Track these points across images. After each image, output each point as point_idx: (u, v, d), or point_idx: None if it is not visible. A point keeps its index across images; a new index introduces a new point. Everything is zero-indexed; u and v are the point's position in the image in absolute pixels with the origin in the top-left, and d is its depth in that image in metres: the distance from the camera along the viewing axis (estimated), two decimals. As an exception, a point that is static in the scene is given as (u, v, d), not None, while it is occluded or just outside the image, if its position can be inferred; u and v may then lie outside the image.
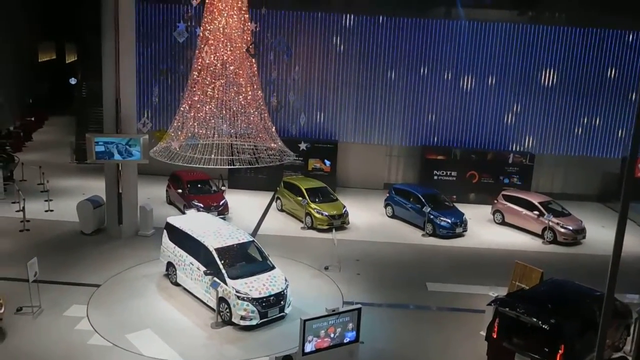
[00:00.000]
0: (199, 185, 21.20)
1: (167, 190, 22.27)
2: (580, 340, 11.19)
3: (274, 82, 17.63)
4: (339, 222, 20.16)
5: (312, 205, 20.22)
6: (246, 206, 22.40)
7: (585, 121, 26.17)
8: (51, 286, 14.28)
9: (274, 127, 14.68)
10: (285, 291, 13.44)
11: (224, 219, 19.98)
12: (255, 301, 12.83)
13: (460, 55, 25.55)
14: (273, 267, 14.00)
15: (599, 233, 21.66)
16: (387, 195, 22.75)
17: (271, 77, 17.51)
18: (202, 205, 19.79)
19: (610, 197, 26.10)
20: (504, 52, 25.82)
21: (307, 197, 20.48)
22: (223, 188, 22.03)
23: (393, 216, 22.12)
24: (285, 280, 13.74)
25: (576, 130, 26.25)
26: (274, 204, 22.70)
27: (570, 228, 20.25)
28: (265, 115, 14.47)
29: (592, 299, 12.44)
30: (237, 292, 12.85)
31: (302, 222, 20.54)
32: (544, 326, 10.65)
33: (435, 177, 24.83)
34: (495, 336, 11.56)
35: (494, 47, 25.76)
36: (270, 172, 23.11)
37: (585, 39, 25.32)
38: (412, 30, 25.30)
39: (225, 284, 13.03)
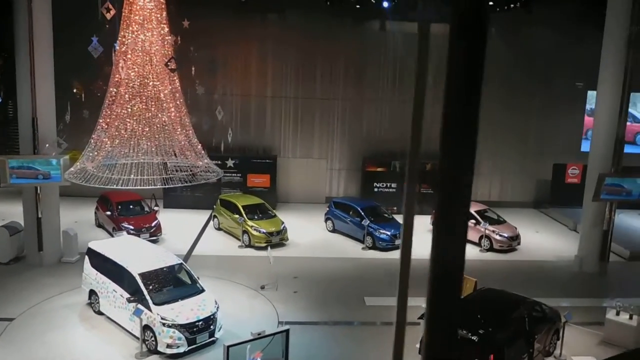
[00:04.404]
0: (131, 206, 20.29)
1: (95, 213, 21.21)
2: (511, 348, 11.19)
3: (200, 98, 17.00)
4: (277, 238, 19.71)
5: (249, 223, 19.70)
6: (182, 226, 21.59)
7: (520, 129, 26.87)
8: (-41, 322, 13.15)
9: (199, 145, 14.17)
10: (215, 315, 12.85)
11: (156, 240, 19.26)
12: (182, 327, 12.19)
13: (397, 67, 25.79)
14: (202, 290, 13.38)
15: (533, 238, 22.15)
16: (327, 209, 22.51)
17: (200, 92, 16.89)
18: (132, 227, 18.90)
19: (543, 202, 26.83)
20: (438, 63, 26.23)
21: (243, 214, 19.94)
22: (156, 208, 21.18)
23: (333, 230, 21.88)
24: (216, 303, 13.16)
25: (510, 138, 26.89)
26: (211, 222, 22.02)
27: (505, 235, 20.58)
28: (190, 132, 13.95)
29: (523, 306, 12.54)
30: (162, 318, 12.17)
31: (239, 240, 19.96)
32: (472, 337, 10.55)
33: (376, 190, 24.82)
34: (428, 350, 11.39)
35: (430, 59, 26.13)
36: (207, 189, 22.49)
37: (515, 52, 26.06)
38: (350, 42, 25.33)
39: (150, 310, 12.33)
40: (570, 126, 26.91)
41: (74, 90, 14.33)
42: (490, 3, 24.17)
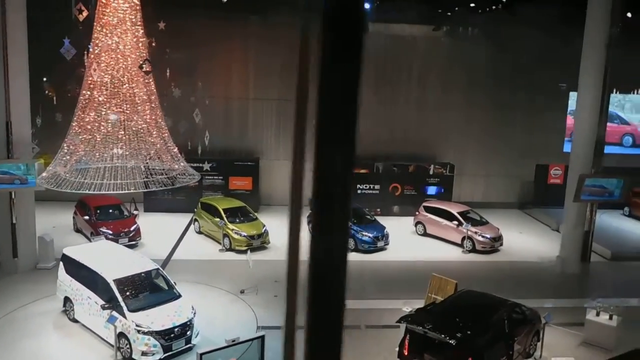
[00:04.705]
0: (110, 211, 19.97)
1: (74, 217, 20.87)
2: (490, 351, 11.12)
3: (177, 100, 16.68)
4: (258, 242, 19.51)
5: (230, 226, 19.48)
6: (162, 230, 21.26)
7: (503, 130, 26.84)
8: None
9: (175, 148, 13.97)
10: (192, 321, 12.65)
11: (135, 245, 18.99)
12: (157, 334, 11.97)
13: (380, 69, 25.69)
14: (179, 296, 13.17)
15: (516, 239, 22.14)
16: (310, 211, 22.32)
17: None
18: (111, 232, 18.61)
19: (527, 203, 26.89)
20: (423, 66, 26.27)
21: (224, 217, 19.72)
22: (135, 212, 20.86)
23: (317, 233, 21.69)
24: (193, 308, 12.96)
25: (494, 139, 26.88)
26: (192, 226, 21.76)
27: (488, 236, 20.55)
28: (166, 135, 13.74)
29: (503, 308, 12.47)
30: (137, 325, 11.95)
31: (220, 244, 19.74)
32: (450, 341, 10.45)
33: (359, 191, 24.66)
34: (406, 353, 11.29)
35: (412, 61, 26.18)
36: (189, 192, 22.26)
37: (499, 53, 26.01)
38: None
39: (125, 317, 12.10)
40: (553, 127, 27.01)
41: (47, 93, 14.02)
42: (472, 5, 24.25)
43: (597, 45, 18.51)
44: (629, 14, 23.69)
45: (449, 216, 21.24)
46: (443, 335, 10.65)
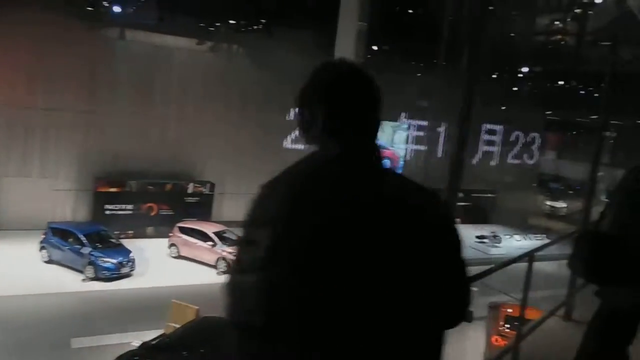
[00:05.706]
0: None
1: None
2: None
3: None
4: (-35, 276, 15.92)
5: None
6: None
7: (268, 149, 26.97)
8: None
9: None
10: None
11: None
12: None
13: (137, 80, 23.78)
14: None
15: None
16: (43, 236, 19.27)
17: None
18: None
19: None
20: (185, 80, 25.07)
21: None
22: None
23: (50, 261, 18.75)
24: None
25: (256, 159, 26.84)
26: None
27: (244, 256, 20.14)
28: None
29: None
30: None
31: None
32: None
33: (108, 212, 22.19)
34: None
35: (174, 74, 24.86)
36: None
37: (261, 73, 26.17)
38: (84, 48, 22.38)
39: None
40: (310, 147, 28.13)
41: None
42: (233, 22, 24.13)
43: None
44: (374, 47, 26.11)
45: (204, 237, 20.34)
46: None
